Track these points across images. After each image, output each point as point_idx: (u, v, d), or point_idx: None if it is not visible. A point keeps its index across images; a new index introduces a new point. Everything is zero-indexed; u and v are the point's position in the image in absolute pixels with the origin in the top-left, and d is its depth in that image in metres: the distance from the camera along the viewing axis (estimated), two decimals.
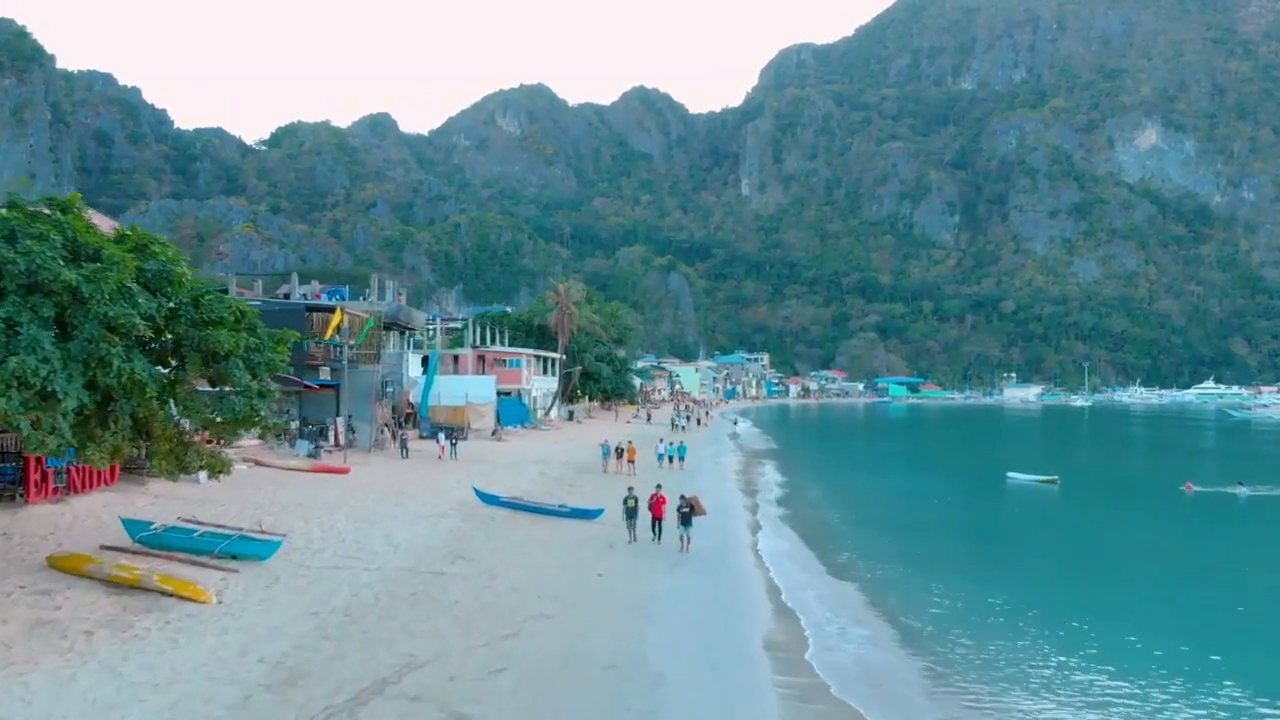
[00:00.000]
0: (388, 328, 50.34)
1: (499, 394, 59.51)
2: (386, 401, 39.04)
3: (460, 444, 44.41)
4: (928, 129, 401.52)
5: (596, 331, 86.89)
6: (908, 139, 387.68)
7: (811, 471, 51.86)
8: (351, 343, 37.88)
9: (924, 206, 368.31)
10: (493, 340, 74.58)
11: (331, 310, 35.72)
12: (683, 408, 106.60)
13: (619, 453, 39.57)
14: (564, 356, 79.65)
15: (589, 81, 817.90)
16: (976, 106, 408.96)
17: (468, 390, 51.04)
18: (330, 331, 35.06)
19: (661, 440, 46.24)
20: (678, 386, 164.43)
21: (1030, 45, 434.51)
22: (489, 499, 27.09)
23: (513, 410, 61.18)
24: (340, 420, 36.27)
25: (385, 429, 38.36)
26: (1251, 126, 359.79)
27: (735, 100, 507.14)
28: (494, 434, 50.19)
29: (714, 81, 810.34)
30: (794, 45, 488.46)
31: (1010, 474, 46.17)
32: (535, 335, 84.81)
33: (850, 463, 60.71)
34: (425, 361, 56.86)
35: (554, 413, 76.00)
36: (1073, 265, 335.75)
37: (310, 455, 32.57)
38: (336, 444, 35.50)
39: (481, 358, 66.64)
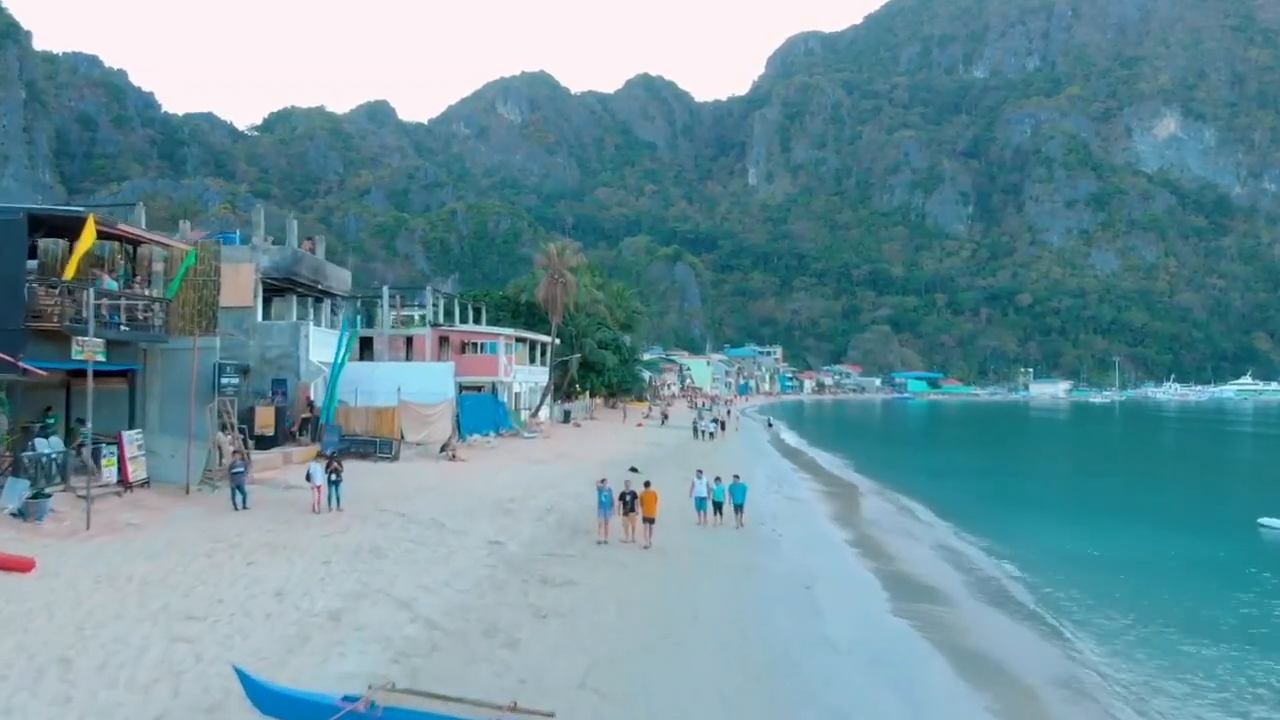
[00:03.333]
0: (283, 289, 33.54)
1: (464, 389, 42.62)
2: (230, 402, 22.28)
3: (385, 464, 27.76)
4: (940, 118, 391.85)
5: (600, 312, 68.83)
6: (919, 128, 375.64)
7: (956, 512, 31.53)
8: (154, 293, 20.83)
9: (936, 196, 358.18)
10: (463, 320, 57.10)
11: (80, 226, 17.02)
12: (702, 405, 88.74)
13: (626, 504, 19.97)
14: (557, 341, 62.16)
15: (592, 69, 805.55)
16: (989, 95, 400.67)
17: (403, 382, 33.41)
18: (73, 266, 17.39)
19: (701, 474, 24.88)
20: (689, 381, 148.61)
21: (1044, 33, 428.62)
22: (280, 703, 8.38)
23: (483, 412, 43.96)
24: (130, 436, 19.33)
25: (220, 450, 21.37)
26: (1272, 116, 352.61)
27: (741, 89, 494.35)
28: (444, 449, 32.82)
29: (720, 69, 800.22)
30: (801, 33, 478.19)
31: (1264, 521, 29.18)
32: (524, 316, 67.36)
33: (985, 494, 39.70)
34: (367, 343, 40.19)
35: (544, 413, 58.75)
36: (1090, 257, 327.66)
37: (18, 514, 15.79)
38: (123, 482, 18.76)
39: (444, 339, 49.27)
